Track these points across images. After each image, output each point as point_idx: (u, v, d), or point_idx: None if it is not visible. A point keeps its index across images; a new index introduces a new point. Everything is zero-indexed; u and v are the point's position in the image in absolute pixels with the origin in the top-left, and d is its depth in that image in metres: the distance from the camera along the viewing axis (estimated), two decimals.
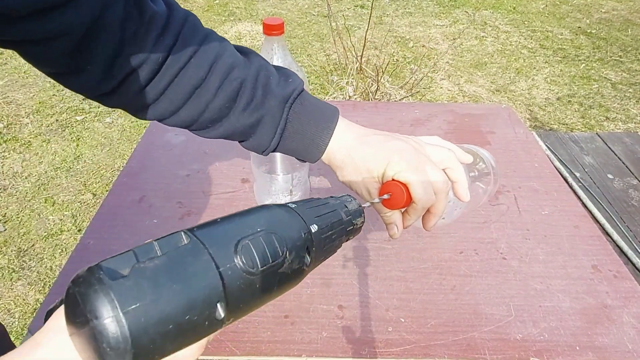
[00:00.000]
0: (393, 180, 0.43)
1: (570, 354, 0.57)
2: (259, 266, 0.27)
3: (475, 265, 0.69)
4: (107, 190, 1.82)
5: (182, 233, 0.26)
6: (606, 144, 1.35)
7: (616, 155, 1.30)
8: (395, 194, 0.43)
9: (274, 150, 0.49)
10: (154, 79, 0.43)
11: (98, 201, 1.90)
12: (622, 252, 0.96)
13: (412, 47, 3.28)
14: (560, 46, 3.36)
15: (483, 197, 0.56)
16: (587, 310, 0.63)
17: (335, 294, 0.64)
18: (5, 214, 1.83)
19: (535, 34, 3.54)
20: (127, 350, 0.22)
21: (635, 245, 1.00)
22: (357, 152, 0.45)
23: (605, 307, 0.63)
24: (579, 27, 3.66)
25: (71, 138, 2.25)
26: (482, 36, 3.48)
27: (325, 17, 3.63)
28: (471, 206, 0.52)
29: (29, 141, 2.22)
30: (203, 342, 0.30)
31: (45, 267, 1.62)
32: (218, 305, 0.25)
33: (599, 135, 1.39)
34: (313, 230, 0.33)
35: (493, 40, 3.43)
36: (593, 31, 3.59)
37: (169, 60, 0.42)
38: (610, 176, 1.22)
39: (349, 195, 0.40)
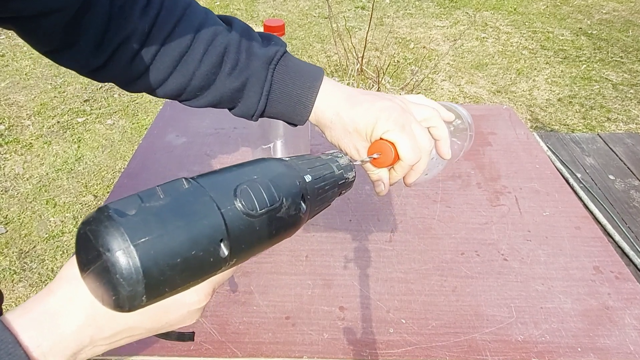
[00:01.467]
0: (381, 139, 0.44)
1: (572, 355, 0.57)
2: (258, 209, 0.29)
3: (477, 267, 0.69)
4: (108, 192, 1.82)
5: (183, 179, 0.28)
6: (607, 145, 1.35)
7: (617, 156, 1.30)
8: (384, 153, 0.44)
9: (262, 114, 0.49)
10: (141, 50, 0.44)
11: (99, 203, 1.90)
12: (623, 253, 0.96)
13: (413, 48, 3.28)
14: (561, 47, 3.36)
15: (459, 153, 0.57)
16: (588, 311, 0.63)
17: (336, 296, 0.64)
18: (7, 215, 1.83)
19: (536, 35, 3.54)
20: (139, 280, 0.24)
21: (637, 246, 1.00)
22: (346, 112, 0.45)
23: (606, 308, 0.63)
24: (580, 28, 3.66)
25: (72, 140, 2.26)
26: (483, 37, 3.48)
27: (326, 18, 3.63)
28: (449, 162, 0.53)
29: (31, 143, 2.22)
30: (209, 289, 0.32)
31: (47, 268, 1.63)
32: (222, 244, 0.27)
33: (600, 136, 1.39)
34: (307, 180, 0.35)
35: (494, 41, 3.43)
36: (594, 32, 3.59)
37: (154, 31, 0.44)
38: (611, 177, 1.22)
39: (339, 151, 0.42)
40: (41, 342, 0.26)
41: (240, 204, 0.28)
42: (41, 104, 2.50)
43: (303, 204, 0.34)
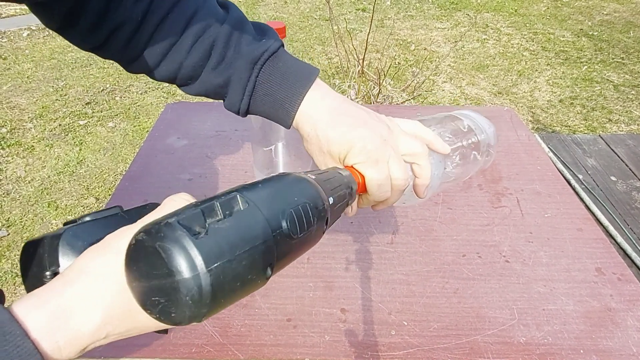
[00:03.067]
0: (352, 168, 0.43)
1: (574, 357, 0.57)
2: (299, 233, 0.31)
3: (478, 269, 0.69)
4: (109, 195, 1.82)
5: (238, 195, 0.29)
6: (609, 146, 1.35)
7: (619, 157, 1.30)
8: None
9: (247, 112, 0.49)
10: (134, 36, 0.45)
11: (101, 205, 1.90)
12: (625, 254, 0.96)
13: (414, 50, 3.28)
14: (562, 48, 3.36)
15: (470, 173, 0.54)
16: (591, 313, 0.63)
17: (338, 298, 0.64)
18: (9, 218, 1.83)
19: (537, 36, 3.54)
20: (206, 304, 0.25)
21: (639, 247, 0.99)
22: (323, 131, 0.44)
23: (609, 310, 0.63)
24: (581, 29, 3.66)
25: (74, 142, 2.26)
26: (484, 39, 3.48)
27: (327, 20, 3.64)
28: (456, 181, 0.52)
29: (32, 146, 2.23)
30: None
31: None
32: (269, 266, 0.28)
33: (601, 138, 1.39)
34: (330, 202, 0.36)
35: (495, 42, 3.43)
36: (595, 33, 3.59)
37: (147, 18, 0.44)
38: (613, 178, 1.22)
39: (347, 172, 0.42)
40: (58, 338, 0.26)
41: (286, 227, 0.30)
42: (43, 107, 2.50)
43: (325, 225, 0.35)
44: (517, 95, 2.78)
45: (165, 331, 0.38)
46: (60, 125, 2.38)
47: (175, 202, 0.32)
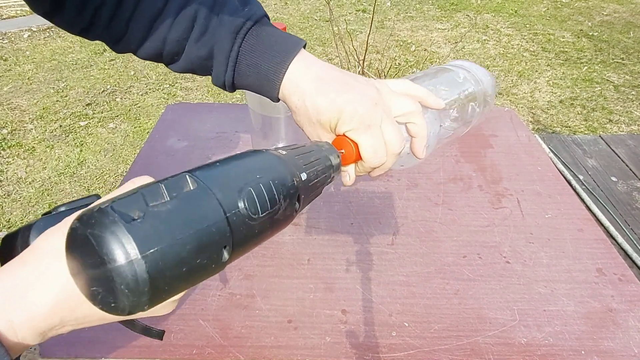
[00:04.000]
0: (344, 136, 0.42)
1: (575, 358, 0.57)
2: (260, 212, 0.29)
3: (479, 270, 0.69)
4: None
5: (187, 176, 0.27)
6: (609, 147, 1.35)
7: (620, 158, 1.30)
8: (347, 151, 0.42)
9: (233, 85, 0.47)
10: (116, 12, 0.44)
11: None
12: (626, 255, 0.96)
13: (414, 50, 3.28)
14: (562, 49, 3.36)
15: (469, 126, 0.52)
16: (592, 314, 0.62)
17: (339, 299, 0.64)
18: (10, 219, 1.83)
19: (537, 37, 3.54)
20: (144, 292, 0.23)
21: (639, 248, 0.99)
22: (310, 100, 0.42)
23: (610, 310, 0.63)
24: (581, 30, 3.66)
25: (75, 144, 2.26)
26: (484, 39, 3.49)
27: (327, 21, 3.64)
28: (450, 139, 0.50)
29: (33, 147, 2.23)
30: (179, 297, 0.31)
31: None
32: (224, 249, 0.26)
33: (602, 138, 1.39)
34: (303, 179, 0.34)
35: (495, 43, 3.43)
36: (595, 34, 3.59)
37: None
38: (613, 179, 1.21)
39: (328, 144, 0.41)
40: (12, 317, 0.25)
41: (244, 207, 0.27)
42: (43, 108, 2.50)
43: (298, 204, 0.33)
44: (517, 96, 2.78)
45: (160, 337, 0.37)
46: (60, 126, 2.38)
47: (133, 185, 0.30)
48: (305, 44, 0.45)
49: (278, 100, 0.46)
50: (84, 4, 0.43)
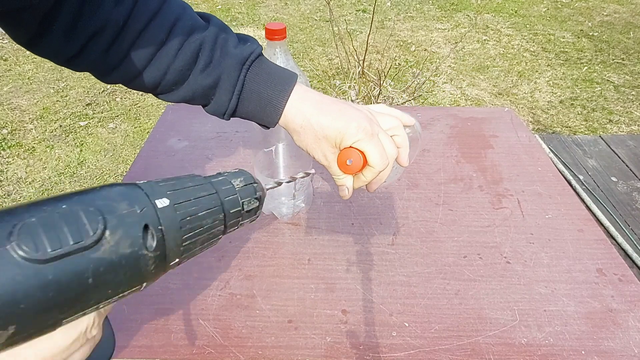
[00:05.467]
0: (352, 147, 0.46)
1: (576, 358, 0.57)
2: (48, 249, 0.21)
3: (479, 270, 0.69)
4: None
5: None
6: (609, 147, 1.35)
7: (620, 158, 1.30)
8: (355, 161, 0.46)
9: (233, 114, 0.50)
10: (115, 41, 0.44)
11: None
12: (626, 255, 0.96)
13: (414, 51, 3.28)
14: (562, 49, 3.36)
15: (412, 159, 0.59)
16: (592, 314, 0.63)
17: (339, 299, 0.64)
18: None
19: (537, 37, 3.54)
20: None
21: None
22: (316, 119, 0.46)
23: (610, 311, 0.63)
24: (581, 30, 3.66)
25: (75, 144, 2.26)
26: (484, 40, 3.49)
27: (327, 21, 3.64)
28: (404, 169, 0.55)
29: (33, 147, 2.23)
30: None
31: None
32: None
33: (602, 138, 1.39)
34: (160, 206, 0.26)
35: (495, 43, 3.43)
36: (595, 34, 3.59)
37: (130, 23, 0.43)
38: (614, 179, 1.22)
39: (243, 171, 0.34)
40: None
41: (15, 246, 0.20)
42: (44, 108, 2.50)
43: (151, 238, 0.25)
44: (517, 96, 2.78)
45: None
46: (61, 126, 2.38)
47: None
48: (297, 76, 0.49)
49: (274, 125, 0.49)
50: (74, 30, 0.42)
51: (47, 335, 0.23)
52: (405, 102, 2.50)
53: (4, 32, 0.41)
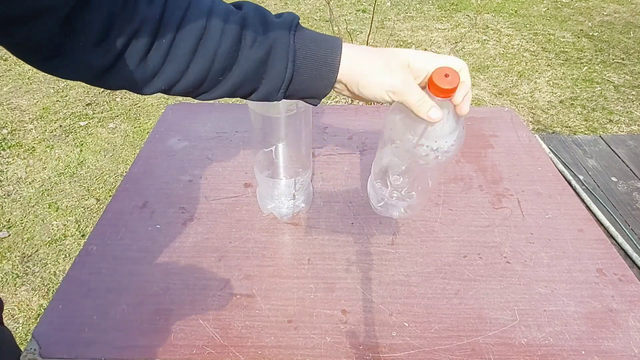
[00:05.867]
0: (444, 67, 0.47)
1: (576, 358, 0.57)
2: None
3: (479, 270, 0.69)
4: (110, 196, 1.82)
5: None
6: (609, 147, 1.35)
7: (620, 158, 1.30)
8: (452, 75, 0.46)
9: (288, 87, 0.47)
10: (154, 41, 0.41)
11: (101, 206, 1.90)
12: (627, 255, 0.96)
13: None
14: (562, 49, 3.36)
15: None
16: (592, 314, 0.63)
17: (339, 299, 0.64)
18: (9, 219, 1.83)
19: (537, 37, 3.54)
20: None
21: None
22: (373, 63, 0.47)
23: (610, 311, 0.63)
24: (581, 30, 3.66)
25: (75, 144, 2.26)
26: (484, 40, 3.49)
27: (327, 21, 3.64)
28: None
29: (33, 147, 2.23)
30: None
31: (49, 272, 1.63)
32: None
33: (602, 138, 1.39)
34: None
35: (495, 43, 3.43)
36: (595, 34, 3.59)
37: (165, 18, 0.41)
38: (614, 179, 1.21)
39: None
40: None
41: None
42: (43, 108, 2.50)
43: None
44: (517, 96, 2.78)
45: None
46: (60, 126, 2.38)
47: None
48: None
49: (329, 90, 0.48)
50: (102, 38, 0.37)
51: None
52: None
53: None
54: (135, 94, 2.63)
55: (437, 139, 0.52)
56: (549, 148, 1.30)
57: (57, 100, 2.58)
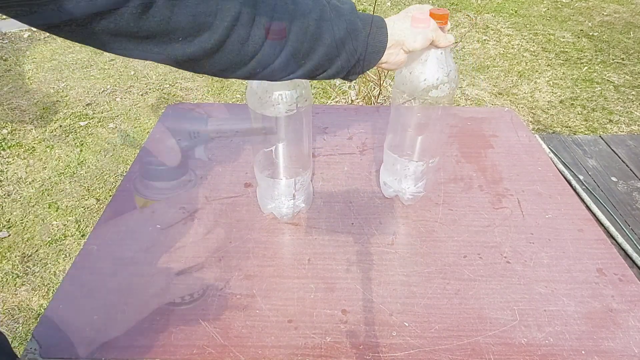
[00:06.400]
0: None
1: (576, 358, 0.57)
2: None
3: (479, 270, 0.69)
4: (110, 196, 1.82)
5: None
6: (609, 147, 1.35)
7: (620, 158, 1.30)
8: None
9: (364, 57, 0.54)
10: (252, 27, 0.44)
11: (102, 206, 1.90)
12: (627, 255, 0.96)
13: None
14: (562, 49, 3.36)
15: None
16: (592, 314, 0.63)
17: (339, 299, 0.64)
18: (10, 219, 1.83)
19: (537, 37, 3.54)
20: None
21: None
22: (400, 24, 0.57)
23: (610, 310, 0.63)
24: (581, 30, 3.66)
25: (75, 144, 2.26)
26: (484, 40, 3.49)
27: None
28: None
29: (33, 147, 2.23)
30: None
31: (49, 272, 1.63)
32: None
33: (602, 138, 1.39)
34: None
35: (495, 43, 3.43)
36: (595, 34, 3.59)
37: (259, 2, 0.44)
38: (614, 179, 1.21)
39: None
40: None
41: None
42: (43, 108, 2.50)
43: None
44: (517, 96, 2.78)
45: None
46: (60, 126, 2.38)
47: None
48: None
49: (385, 46, 0.55)
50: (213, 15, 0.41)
51: None
52: (405, 102, 2.49)
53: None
54: (135, 95, 2.63)
55: (438, 69, 0.66)
56: (549, 148, 1.30)
57: (57, 101, 2.58)
